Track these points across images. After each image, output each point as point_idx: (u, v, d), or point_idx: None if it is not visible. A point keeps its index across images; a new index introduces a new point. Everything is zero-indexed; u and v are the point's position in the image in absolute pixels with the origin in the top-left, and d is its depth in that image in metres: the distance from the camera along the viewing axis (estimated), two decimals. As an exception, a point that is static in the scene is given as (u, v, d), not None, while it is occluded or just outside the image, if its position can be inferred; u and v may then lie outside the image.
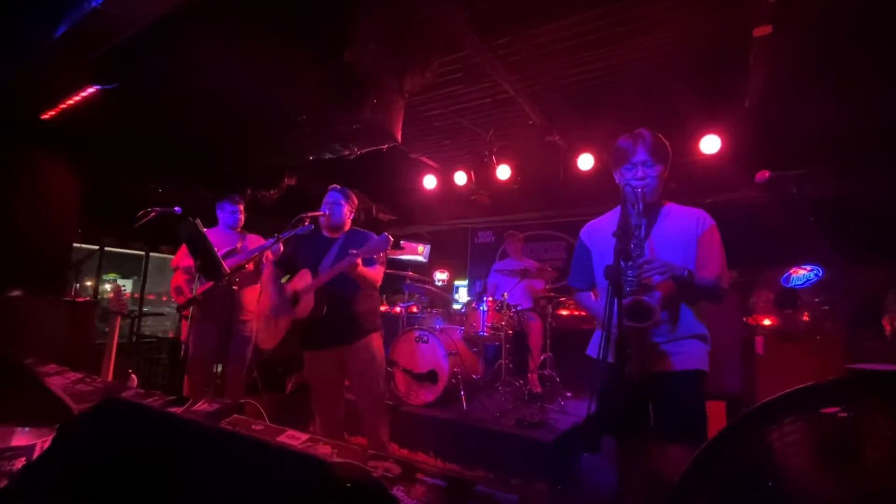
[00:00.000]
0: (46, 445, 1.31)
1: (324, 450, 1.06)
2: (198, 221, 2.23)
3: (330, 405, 2.59)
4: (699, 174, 4.52)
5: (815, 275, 5.34)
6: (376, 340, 2.57)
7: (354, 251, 2.27)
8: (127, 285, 8.49)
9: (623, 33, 3.61)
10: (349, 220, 2.69)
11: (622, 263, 1.52)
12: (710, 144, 4.41)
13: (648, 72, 4.03)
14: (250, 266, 2.71)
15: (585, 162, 5.11)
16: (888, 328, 3.93)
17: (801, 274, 5.38)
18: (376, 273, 2.50)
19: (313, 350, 2.56)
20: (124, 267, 8.83)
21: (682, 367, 1.69)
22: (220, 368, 3.41)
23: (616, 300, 1.37)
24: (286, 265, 2.68)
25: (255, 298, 3.43)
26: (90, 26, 2.47)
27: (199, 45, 3.09)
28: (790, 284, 5.30)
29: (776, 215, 4.21)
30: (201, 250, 2.36)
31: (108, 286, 8.01)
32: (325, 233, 2.66)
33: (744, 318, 3.77)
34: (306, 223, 2.65)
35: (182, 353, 3.11)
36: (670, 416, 1.69)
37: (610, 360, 1.69)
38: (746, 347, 3.46)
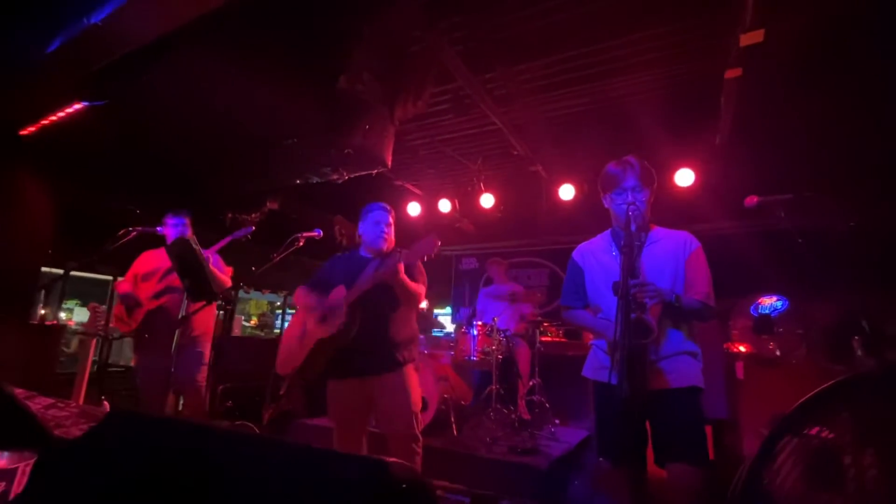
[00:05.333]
0: (29, 469, 1.22)
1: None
2: (192, 238, 2.18)
3: (351, 443, 2.28)
4: (675, 206, 4.73)
5: (782, 304, 5.59)
6: (410, 374, 2.27)
7: (400, 251, 2.09)
8: (86, 314, 8.05)
9: (603, 72, 3.83)
10: (391, 240, 2.44)
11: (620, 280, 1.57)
12: (685, 178, 4.64)
13: (626, 108, 4.25)
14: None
15: (566, 192, 5.28)
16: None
17: (769, 303, 5.62)
18: (419, 287, 2.25)
19: (338, 379, 2.27)
20: (87, 293, 8.38)
21: (678, 384, 1.72)
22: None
23: (625, 316, 1.41)
24: (320, 288, 2.38)
25: (208, 315, 3.13)
26: (86, 42, 2.45)
27: (191, 65, 3.10)
28: (758, 313, 5.52)
29: (749, 245, 4.44)
30: (192, 270, 2.30)
31: (62, 314, 7.58)
32: (364, 252, 2.44)
33: (724, 345, 3.88)
34: (300, 243, 2.62)
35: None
36: (671, 434, 1.70)
37: (611, 380, 1.72)
38: (728, 373, 3.55)
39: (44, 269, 4.57)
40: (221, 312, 3.24)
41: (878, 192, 3.60)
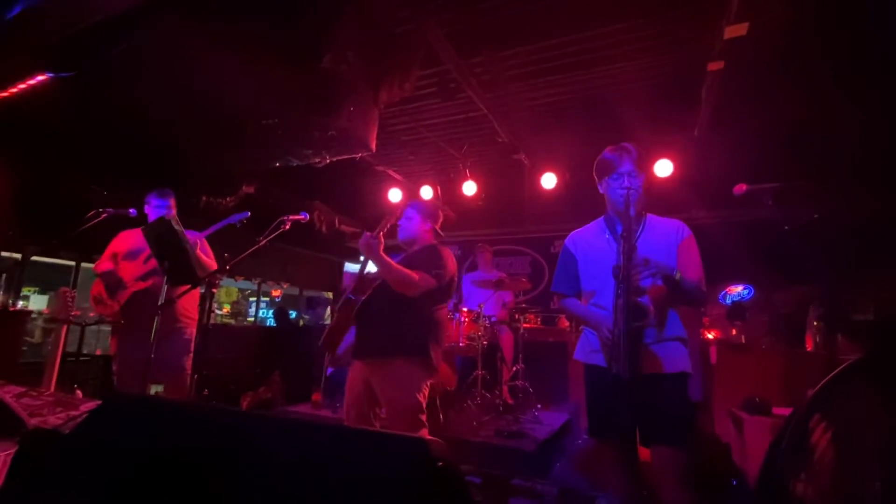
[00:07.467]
0: (10, 458, 1.15)
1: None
2: (174, 219, 2.08)
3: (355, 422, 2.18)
4: (652, 195, 4.83)
5: (748, 292, 5.85)
6: (404, 367, 2.09)
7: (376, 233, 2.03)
8: (45, 301, 7.68)
9: (588, 61, 3.84)
10: (425, 234, 2.42)
11: (622, 262, 1.59)
12: (663, 168, 4.74)
13: (609, 98, 4.28)
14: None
15: (548, 181, 5.32)
16: (811, 342, 4.36)
17: (735, 292, 5.87)
18: (412, 275, 2.08)
19: (354, 359, 2.24)
20: (47, 280, 7.94)
21: (671, 369, 1.76)
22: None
23: (625, 300, 1.42)
24: None
25: (193, 301, 2.99)
26: (52, 8, 2.28)
27: (166, 37, 2.93)
28: (727, 301, 5.76)
29: (722, 235, 4.59)
30: (172, 252, 2.20)
31: (20, 303, 7.20)
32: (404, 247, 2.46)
33: (700, 330, 4.03)
34: (286, 226, 2.54)
35: (113, 370, 2.80)
36: (661, 418, 1.74)
37: (603, 363, 1.75)
38: (703, 357, 3.68)
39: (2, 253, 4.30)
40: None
41: (852, 184, 3.77)
